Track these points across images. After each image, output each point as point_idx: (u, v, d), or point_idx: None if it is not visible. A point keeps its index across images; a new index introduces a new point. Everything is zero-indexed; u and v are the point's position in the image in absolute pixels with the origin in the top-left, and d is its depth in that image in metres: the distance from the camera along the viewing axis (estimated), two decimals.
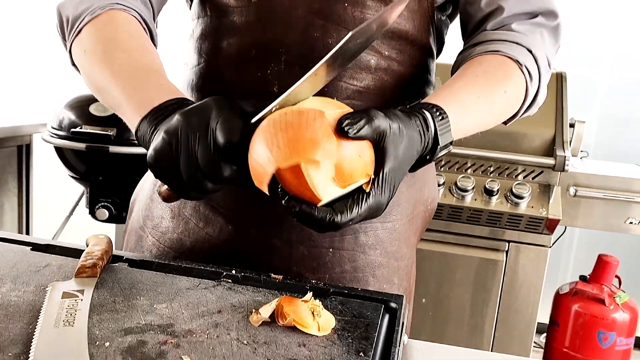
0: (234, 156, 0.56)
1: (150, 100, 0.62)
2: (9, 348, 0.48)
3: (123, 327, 0.53)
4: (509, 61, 0.73)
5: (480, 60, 0.73)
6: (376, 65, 0.74)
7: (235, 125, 0.55)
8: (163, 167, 0.57)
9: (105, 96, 0.70)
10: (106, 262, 0.67)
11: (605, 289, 2.11)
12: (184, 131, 0.55)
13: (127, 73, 0.67)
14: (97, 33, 0.71)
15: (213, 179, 0.56)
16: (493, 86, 0.71)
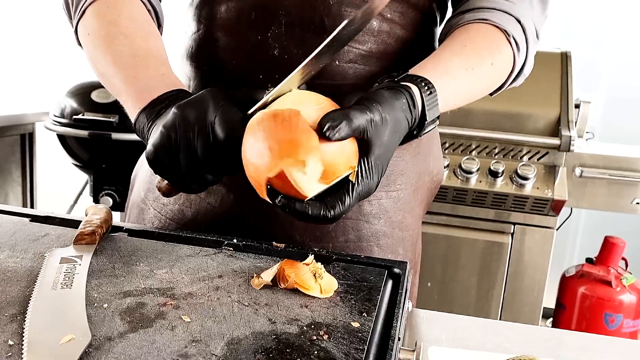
0: (234, 148, 0.55)
1: (148, 91, 0.63)
2: (5, 309, 0.47)
3: (122, 291, 0.53)
4: (496, 31, 0.71)
5: (468, 29, 0.72)
6: (379, 28, 0.72)
7: (233, 119, 0.55)
8: (162, 162, 0.57)
9: (107, 82, 0.70)
10: (105, 231, 0.66)
11: (611, 270, 2.09)
12: (182, 125, 0.55)
13: (127, 60, 0.67)
14: (100, 15, 0.71)
15: (214, 172, 0.57)
16: (480, 57, 0.70)
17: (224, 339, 0.45)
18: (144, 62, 0.67)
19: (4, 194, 2.54)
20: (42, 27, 3.03)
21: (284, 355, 0.43)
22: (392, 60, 0.74)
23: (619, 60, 2.73)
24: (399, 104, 0.58)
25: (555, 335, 0.76)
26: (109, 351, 0.42)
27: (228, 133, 0.55)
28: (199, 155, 0.55)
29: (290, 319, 0.50)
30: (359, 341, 0.46)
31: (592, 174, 2.01)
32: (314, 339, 0.46)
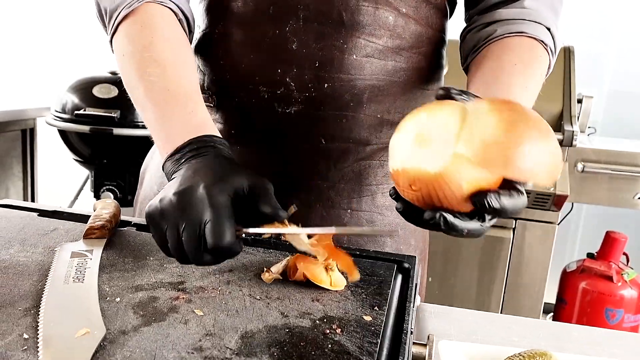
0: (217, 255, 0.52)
1: (173, 138, 0.61)
2: (19, 303, 0.47)
3: (133, 285, 0.53)
4: (535, 43, 0.74)
5: (508, 44, 0.73)
6: (394, 22, 0.73)
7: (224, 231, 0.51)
8: (154, 230, 0.54)
9: (142, 114, 0.69)
10: (114, 225, 0.66)
11: (613, 265, 2.10)
12: (173, 213, 0.52)
13: (158, 95, 0.66)
14: (133, 37, 0.69)
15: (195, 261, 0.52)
16: (533, 75, 0.72)
17: (237, 332, 0.45)
18: (173, 100, 0.65)
19: (5, 189, 2.54)
20: (43, 23, 3.03)
21: (298, 348, 0.43)
22: (406, 55, 0.75)
23: (621, 55, 2.73)
24: None
25: (561, 329, 0.76)
26: (123, 345, 0.42)
27: (215, 244, 0.50)
28: (185, 250, 0.52)
29: (303, 312, 0.50)
30: (371, 335, 0.46)
31: (594, 169, 2.01)
32: (327, 333, 0.46)
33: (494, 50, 0.73)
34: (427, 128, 0.49)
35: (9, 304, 0.47)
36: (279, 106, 0.73)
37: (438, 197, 0.48)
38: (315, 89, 0.72)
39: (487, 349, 0.58)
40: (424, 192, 0.48)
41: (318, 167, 0.75)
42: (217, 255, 0.51)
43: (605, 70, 2.74)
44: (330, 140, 0.74)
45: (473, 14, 0.80)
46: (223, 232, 0.50)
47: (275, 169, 0.75)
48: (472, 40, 0.77)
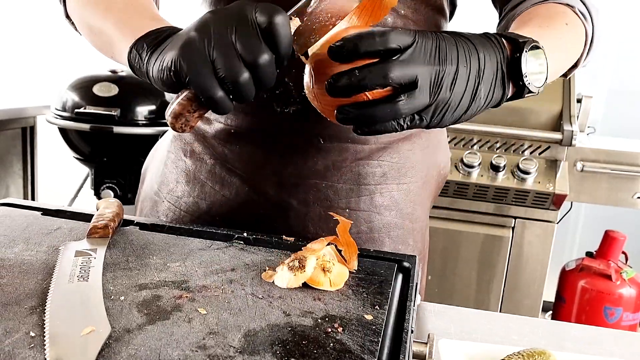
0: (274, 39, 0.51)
1: (143, 28, 0.59)
2: (25, 301, 0.48)
3: (137, 283, 0.53)
4: (559, 5, 0.72)
5: (528, 12, 0.72)
6: (393, 24, 0.73)
7: (276, 8, 0.52)
8: (192, 61, 0.51)
9: (98, 35, 0.67)
10: (117, 225, 0.67)
11: (611, 264, 2.11)
12: (218, 24, 0.51)
13: (120, 7, 0.65)
14: None
15: (252, 65, 0.51)
16: (552, 20, 0.69)
17: (240, 331, 0.46)
18: (137, 8, 0.65)
19: (5, 187, 2.55)
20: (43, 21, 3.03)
21: (300, 347, 0.44)
22: None
23: (621, 55, 2.73)
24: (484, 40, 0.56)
25: (561, 328, 0.77)
26: (129, 343, 0.43)
27: (269, 18, 0.51)
28: (238, 49, 0.50)
29: (304, 311, 0.50)
30: (373, 333, 0.47)
31: (593, 168, 2.02)
32: (328, 331, 0.47)
33: (516, 21, 0.73)
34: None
35: (14, 302, 0.48)
36: (278, 106, 0.74)
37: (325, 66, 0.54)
38: None
39: (487, 347, 0.59)
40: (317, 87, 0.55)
41: (316, 166, 0.75)
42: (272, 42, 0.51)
43: (604, 70, 2.75)
44: (328, 139, 0.75)
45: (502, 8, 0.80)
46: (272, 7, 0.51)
47: (274, 167, 0.76)
48: (501, 28, 0.77)
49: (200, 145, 0.80)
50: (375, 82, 0.50)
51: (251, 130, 0.76)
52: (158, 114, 2.14)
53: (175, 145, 0.84)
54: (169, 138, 0.86)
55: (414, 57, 0.51)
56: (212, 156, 0.79)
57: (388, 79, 0.50)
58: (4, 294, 0.49)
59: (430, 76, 0.52)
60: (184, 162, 0.81)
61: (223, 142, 0.78)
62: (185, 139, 0.82)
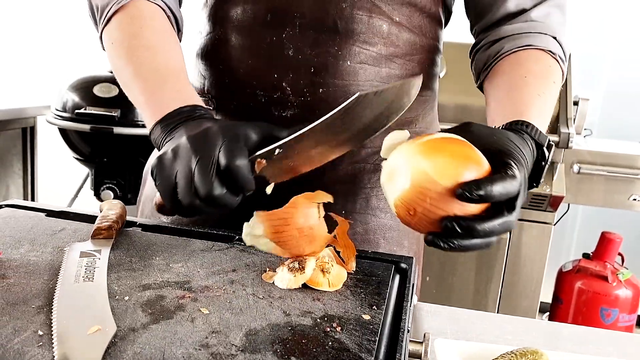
0: (230, 179, 0.56)
1: (166, 105, 0.65)
2: (32, 301, 0.49)
3: (141, 284, 0.55)
4: (543, 54, 0.76)
5: (518, 58, 0.76)
6: (388, 31, 0.75)
7: (237, 151, 0.56)
8: (161, 179, 0.59)
9: (128, 92, 0.73)
10: (120, 226, 0.68)
11: (608, 266, 2.13)
12: (186, 151, 0.57)
13: (147, 73, 0.70)
14: (123, 27, 0.74)
15: (205, 199, 0.57)
16: (545, 83, 0.74)
17: (242, 330, 0.47)
18: (162, 77, 0.70)
19: (5, 187, 2.56)
20: (44, 21, 3.04)
21: (300, 345, 0.45)
22: (399, 62, 0.77)
23: (617, 58, 2.75)
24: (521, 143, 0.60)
25: (554, 328, 0.78)
26: (134, 341, 0.44)
27: (228, 162, 0.55)
28: (194, 182, 0.56)
29: (304, 311, 0.52)
30: (370, 333, 0.48)
31: (589, 170, 2.04)
32: (327, 331, 0.48)
33: (504, 67, 0.76)
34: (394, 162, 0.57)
35: (22, 301, 0.49)
36: (276, 110, 0.76)
37: (433, 207, 0.53)
38: (310, 93, 0.74)
39: (481, 346, 0.60)
40: (420, 211, 0.53)
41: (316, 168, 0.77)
42: (230, 181, 0.55)
43: (601, 72, 2.77)
44: None
45: (479, 31, 0.82)
46: (235, 150, 0.55)
47: None
48: (482, 58, 0.80)
49: None
50: (500, 233, 0.53)
51: None
52: None
53: None
54: None
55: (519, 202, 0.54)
56: None
57: (509, 230, 0.54)
58: (12, 293, 0.50)
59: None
60: None
61: None
62: None
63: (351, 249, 0.62)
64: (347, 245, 0.62)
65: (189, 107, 0.65)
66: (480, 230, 0.52)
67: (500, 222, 0.52)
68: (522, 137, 0.62)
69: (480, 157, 0.55)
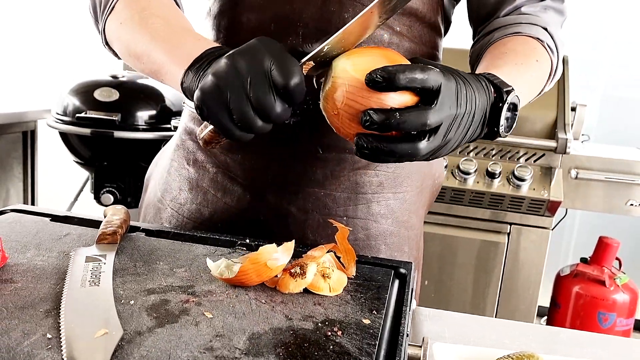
0: (289, 96, 0.56)
1: (191, 54, 0.64)
2: (39, 305, 0.50)
3: (145, 288, 0.56)
4: (530, 39, 0.77)
5: (503, 42, 0.77)
6: (389, 40, 0.76)
7: (292, 67, 0.56)
8: (211, 107, 0.57)
9: (146, 60, 0.71)
10: (124, 231, 0.69)
11: (605, 270, 2.14)
12: (234, 74, 0.56)
13: (165, 35, 0.70)
14: (131, 4, 0.74)
15: (265, 117, 0.56)
16: (526, 56, 0.74)
17: (245, 334, 0.48)
18: (180, 34, 0.69)
19: (5, 191, 2.57)
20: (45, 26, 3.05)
21: (302, 349, 0.47)
22: None
23: (615, 63, 2.77)
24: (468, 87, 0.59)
25: (551, 332, 0.79)
26: (140, 345, 0.45)
27: (286, 81, 0.55)
28: (253, 103, 0.55)
29: (305, 315, 0.53)
30: (370, 337, 0.50)
31: (587, 175, 2.05)
32: (328, 335, 0.49)
33: (490, 50, 0.77)
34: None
35: (30, 305, 0.50)
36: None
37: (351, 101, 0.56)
38: (312, 102, 0.75)
39: (478, 350, 0.61)
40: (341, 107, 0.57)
41: (315, 175, 0.78)
42: (289, 96, 0.56)
43: (598, 78, 2.79)
44: (327, 149, 0.77)
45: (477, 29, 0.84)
46: (291, 66, 0.55)
47: (274, 176, 0.78)
48: (476, 51, 0.81)
49: (202, 154, 0.83)
50: (413, 128, 0.54)
51: (252, 139, 0.79)
52: (158, 119, 2.16)
53: (179, 154, 0.86)
54: (172, 147, 0.89)
55: (443, 104, 0.54)
56: (215, 164, 0.81)
57: (425, 126, 0.54)
58: (20, 297, 0.52)
59: (450, 121, 0.56)
60: (187, 170, 0.84)
61: (225, 151, 0.80)
62: (188, 148, 0.85)
63: (351, 254, 0.63)
64: (347, 251, 0.63)
65: (215, 48, 0.64)
66: (395, 121, 0.52)
67: (416, 114, 0.53)
68: (475, 76, 0.60)
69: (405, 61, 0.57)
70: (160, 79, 0.70)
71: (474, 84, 0.58)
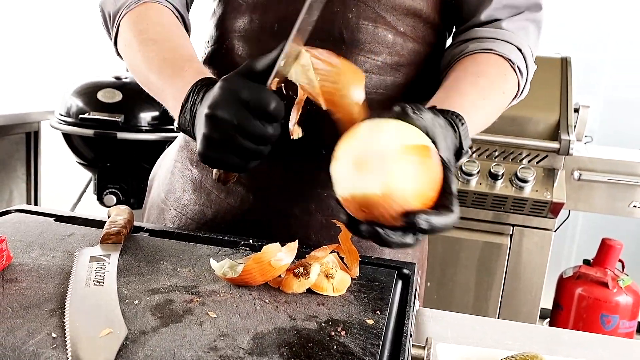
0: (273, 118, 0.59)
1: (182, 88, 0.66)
2: (44, 304, 0.51)
3: (150, 288, 0.56)
4: (502, 60, 0.77)
5: (476, 59, 0.77)
6: (393, 40, 0.76)
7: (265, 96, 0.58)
8: (217, 160, 0.60)
9: (150, 90, 0.75)
10: (128, 231, 0.70)
11: (608, 272, 2.13)
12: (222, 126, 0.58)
13: (157, 65, 0.72)
14: (131, 26, 0.76)
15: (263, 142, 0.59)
16: (493, 88, 0.76)
17: (249, 333, 0.48)
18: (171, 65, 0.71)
19: (8, 191, 2.57)
20: (48, 27, 3.06)
21: (306, 349, 0.47)
22: (404, 71, 0.78)
23: (617, 65, 2.77)
24: (447, 124, 0.61)
25: (554, 333, 0.79)
26: (144, 344, 0.45)
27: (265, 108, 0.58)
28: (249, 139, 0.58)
29: (309, 315, 0.53)
30: (374, 337, 0.50)
31: (590, 177, 2.05)
32: (332, 335, 0.49)
33: (462, 63, 0.78)
34: (364, 150, 0.53)
35: (35, 305, 0.50)
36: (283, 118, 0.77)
37: (381, 214, 0.51)
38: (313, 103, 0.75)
39: (482, 351, 0.61)
40: (376, 214, 0.51)
41: (319, 176, 0.78)
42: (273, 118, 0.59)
43: (601, 79, 2.78)
44: (330, 151, 0.77)
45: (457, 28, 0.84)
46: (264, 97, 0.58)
47: (277, 177, 0.78)
48: (448, 56, 0.82)
49: None
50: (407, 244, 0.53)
51: None
52: (161, 120, 2.16)
53: (182, 154, 0.86)
54: (176, 148, 0.89)
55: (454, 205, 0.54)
56: None
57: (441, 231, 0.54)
58: (25, 297, 0.52)
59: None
60: (191, 171, 0.84)
61: None
62: (191, 149, 0.85)
63: (354, 255, 0.63)
64: (351, 251, 0.63)
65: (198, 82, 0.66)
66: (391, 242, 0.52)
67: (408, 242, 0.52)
68: (451, 126, 0.63)
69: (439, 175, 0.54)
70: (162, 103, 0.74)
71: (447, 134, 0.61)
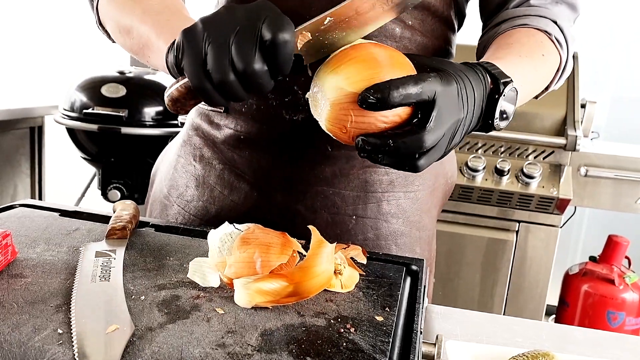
0: (273, 53, 0.52)
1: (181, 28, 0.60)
2: (50, 300, 0.50)
3: (156, 284, 0.55)
4: (538, 32, 0.75)
5: (510, 34, 0.75)
6: (401, 34, 0.75)
7: (285, 24, 0.52)
8: (187, 48, 0.53)
9: (134, 36, 0.69)
10: (134, 226, 0.69)
11: (615, 269, 2.12)
12: (223, 20, 0.52)
13: (157, 10, 0.69)
14: None
15: (240, 73, 0.51)
16: (531, 50, 0.72)
17: (257, 330, 0.48)
18: (173, 11, 0.68)
19: (13, 186, 2.57)
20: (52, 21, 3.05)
21: (315, 346, 0.46)
22: None
23: (625, 61, 2.75)
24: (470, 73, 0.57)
25: (563, 331, 0.78)
26: (152, 340, 0.45)
27: (274, 33, 0.51)
28: (231, 51, 0.50)
29: (318, 312, 0.52)
30: (383, 334, 0.49)
31: (597, 173, 2.04)
32: (341, 332, 0.49)
33: (497, 41, 0.76)
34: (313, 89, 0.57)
35: (40, 300, 0.50)
36: (287, 113, 0.75)
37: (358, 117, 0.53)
38: None
39: (492, 349, 0.61)
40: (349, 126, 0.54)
41: (324, 173, 0.77)
42: (272, 56, 0.51)
43: (609, 75, 2.76)
44: (336, 147, 0.76)
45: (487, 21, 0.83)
46: (284, 22, 0.51)
47: (282, 174, 0.78)
48: (482, 43, 0.80)
49: (209, 151, 0.82)
50: (409, 153, 0.52)
51: (260, 136, 0.78)
52: (166, 115, 2.16)
53: (185, 150, 0.86)
54: (179, 142, 0.88)
55: (441, 115, 0.52)
56: (221, 161, 0.81)
57: (422, 149, 0.52)
58: (31, 292, 0.51)
59: (453, 129, 0.54)
60: (194, 167, 0.83)
61: (232, 148, 0.80)
62: (195, 144, 0.84)
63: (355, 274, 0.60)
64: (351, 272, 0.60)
65: None
66: (389, 148, 0.51)
67: (410, 139, 0.51)
68: (471, 67, 0.58)
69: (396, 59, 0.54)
70: (147, 58, 0.68)
71: (472, 77, 0.56)
